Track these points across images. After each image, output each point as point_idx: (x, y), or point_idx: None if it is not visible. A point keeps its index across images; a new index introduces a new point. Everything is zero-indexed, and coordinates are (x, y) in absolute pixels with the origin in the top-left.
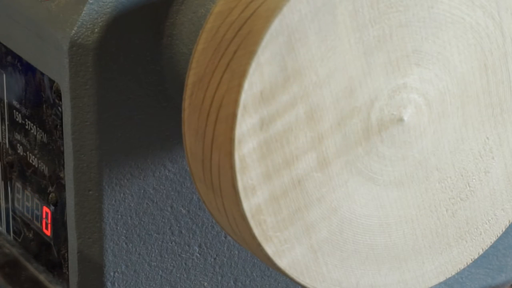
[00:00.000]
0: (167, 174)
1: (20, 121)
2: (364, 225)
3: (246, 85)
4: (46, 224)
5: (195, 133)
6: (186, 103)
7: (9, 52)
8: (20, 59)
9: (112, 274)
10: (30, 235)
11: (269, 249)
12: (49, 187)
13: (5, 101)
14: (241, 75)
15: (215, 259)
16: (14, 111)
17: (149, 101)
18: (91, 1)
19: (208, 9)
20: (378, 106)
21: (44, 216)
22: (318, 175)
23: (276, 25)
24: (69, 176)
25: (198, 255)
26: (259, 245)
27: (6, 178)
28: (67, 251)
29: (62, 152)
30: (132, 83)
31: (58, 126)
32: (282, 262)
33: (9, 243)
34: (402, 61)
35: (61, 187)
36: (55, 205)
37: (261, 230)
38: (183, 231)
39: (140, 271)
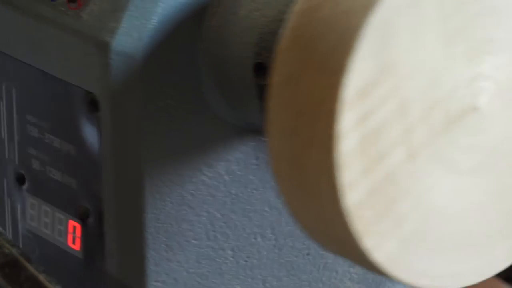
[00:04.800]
0: (203, 179)
1: (36, 136)
2: (444, 214)
3: (347, 81)
4: (74, 238)
5: (284, 132)
6: (271, 103)
7: (22, 66)
8: (37, 71)
9: (153, 284)
10: (50, 252)
11: (367, 244)
12: (78, 200)
13: (15, 116)
14: (341, 71)
15: (246, 261)
16: (28, 125)
17: (186, 106)
18: (131, 8)
19: (250, 10)
20: (456, 95)
21: (70, 231)
22: (407, 167)
23: (373, 20)
24: (109, 187)
25: (231, 258)
26: (357, 241)
27: (13, 196)
28: (103, 264)
29: (99, 164)
30: (171, 89)
31: (93, 137)
32: (378, 257)
33: (9, 243)
34: (478, 49)
35: (95, 199)
36: (86, 218)
37: (360, 226)
38: (217, 236)
39: (179, 279)
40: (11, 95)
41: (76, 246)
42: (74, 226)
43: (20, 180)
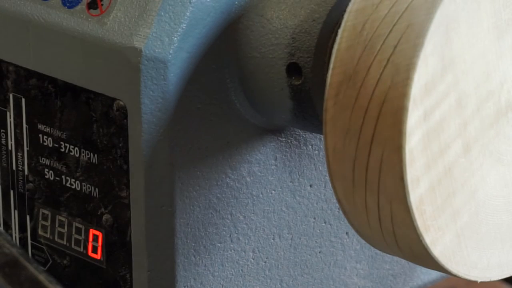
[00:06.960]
0: (228, 181)
1: (50, 145)
2: (493, 206)
3: (415, 78)
4: (94, 247)
5: (345, 132)
6: (329, 103)
7: (34, 75)
8: (52, 81)
9: None
10: (65, 262)
11: (427, 239)
12: (100, 209)
13: (24, 126)
14: (409, 68)
15: (265, 262)
16: (41, 135)
17: (213, 109)
18: (161, 13)
19: (279, 11)
20: (506, 87)
21: (91, 239)
22: (462, 160)
23: (438, 16)
24: (137, 194)
25: (252, 260)
26: (419, 236)
27: (21, 207)
28: (129, 272)
29: (125, 171)
30: (200, 92)
31: (120, 145)
32: (436, 250)
33: (9, 243)
34: None
35: (120, 207)
36: (111, 226)
37: (422, 221)
38: (240, 238)
39: (205, 283)
40: (20, 105)
41: (97, 255)
42: (95, 235)
43: (30, 191)
